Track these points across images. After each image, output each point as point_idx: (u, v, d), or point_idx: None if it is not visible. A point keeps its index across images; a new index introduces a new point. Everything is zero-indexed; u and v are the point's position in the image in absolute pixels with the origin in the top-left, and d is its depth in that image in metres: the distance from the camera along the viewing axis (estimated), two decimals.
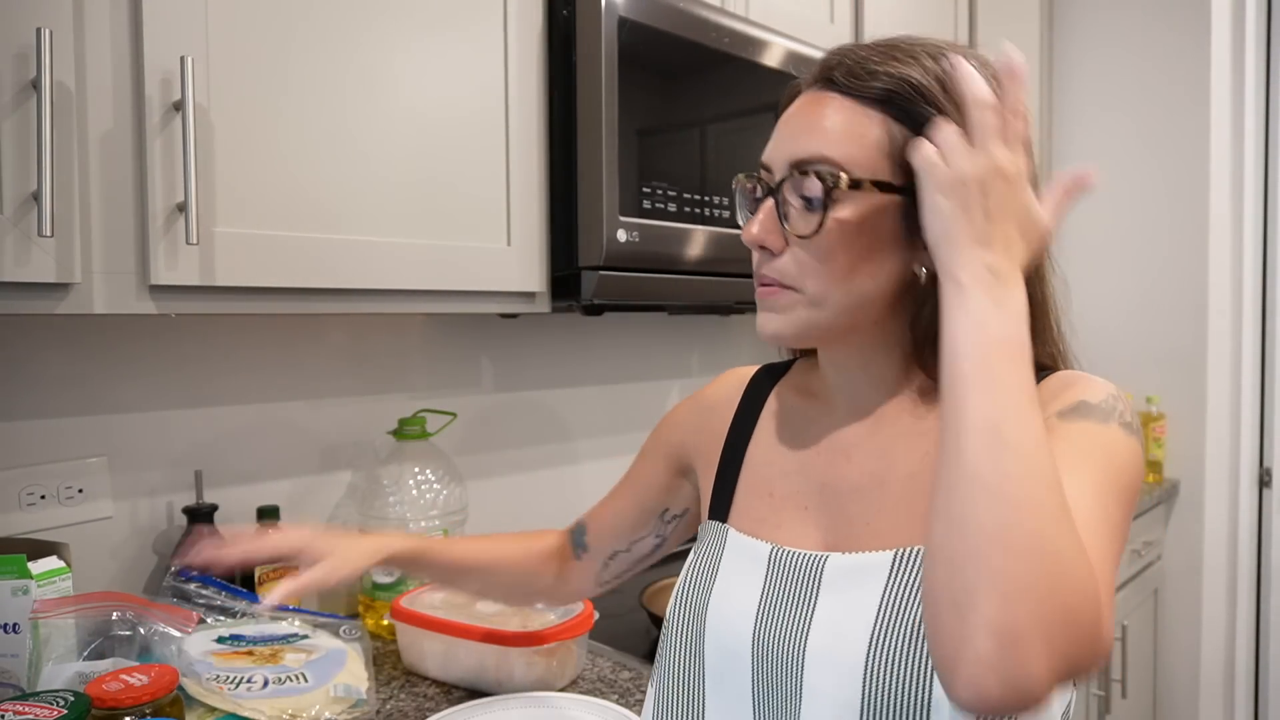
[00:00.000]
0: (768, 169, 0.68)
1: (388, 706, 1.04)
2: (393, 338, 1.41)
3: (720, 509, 0.78)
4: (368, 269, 1.01)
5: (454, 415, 1.39)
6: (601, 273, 1.16)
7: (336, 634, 1.09)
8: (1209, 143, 2.25)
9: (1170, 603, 2.37)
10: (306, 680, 0.96)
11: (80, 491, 1.10)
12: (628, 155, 1.16)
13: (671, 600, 0.76)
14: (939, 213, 0.56)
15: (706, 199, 1.27)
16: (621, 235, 1.15)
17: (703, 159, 1.27)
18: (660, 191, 1.21)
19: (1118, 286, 2.41)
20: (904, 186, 0.63)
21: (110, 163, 0.83)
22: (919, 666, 0.61)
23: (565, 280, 1.20)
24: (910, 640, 0.61)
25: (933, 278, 0.62)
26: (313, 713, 0.91)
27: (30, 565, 0.89)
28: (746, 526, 0.75)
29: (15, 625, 0.87)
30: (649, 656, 1.21)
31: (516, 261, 1.16)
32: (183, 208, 0.84)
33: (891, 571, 0.64)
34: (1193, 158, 2.29)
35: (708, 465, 0.81)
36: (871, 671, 0.62)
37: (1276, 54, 2.25)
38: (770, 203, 0.67)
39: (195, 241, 0.85)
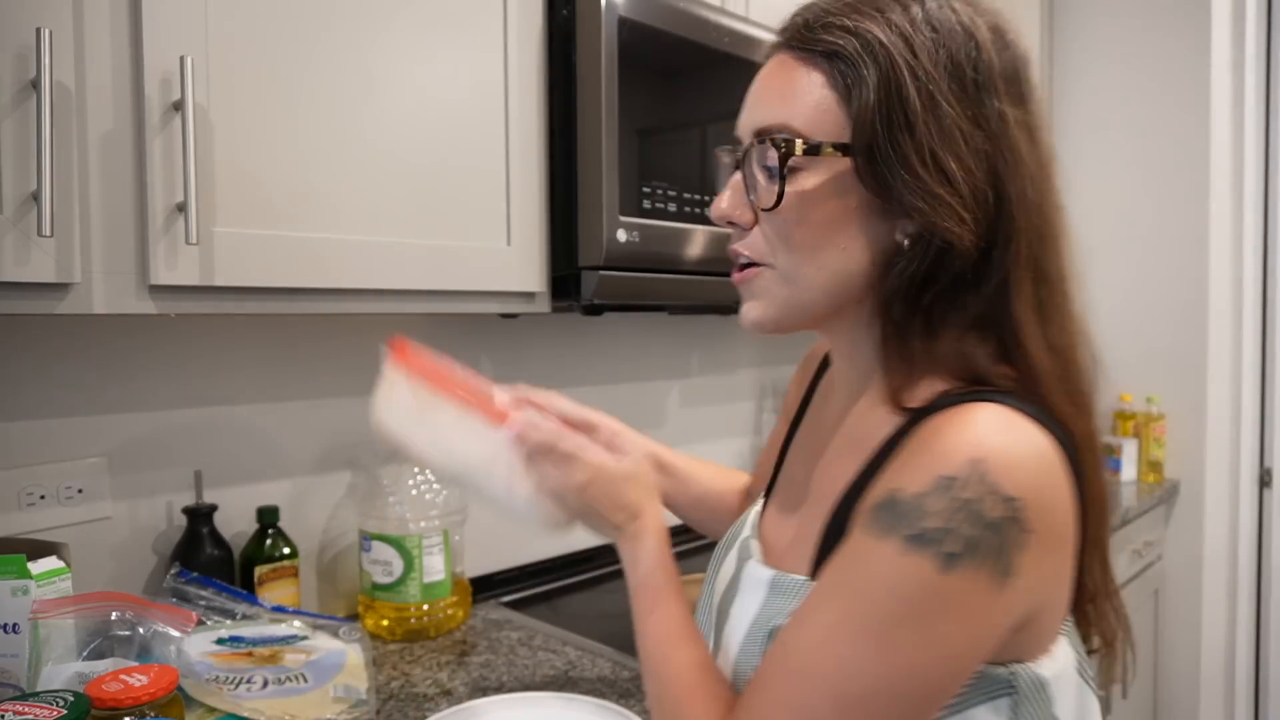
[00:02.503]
0: (738, 141, 0.65)
1: (387, 707, 1.03)
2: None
3: (772, 483, 0.81)
4: (368, 269, 1.01)
5: None
6: (601, 273, 1.16)
7: (336, 635, 1.09)
8: (1209, 142, 2.25)
9: (1170, 603, 2.37)
10: (306, 681, 0.96)
11: (80, 491, 1.10)
12: (628, 155, 1.16)
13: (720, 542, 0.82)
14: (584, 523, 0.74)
15: (706, 199, 1.27)
16: (621, 235, 1.15)
17: (703, 159, 1.27)
18: (660, 191, 1.21)
19: (1118, 286, 2.41)
20: (864, 146, 0.58)
21: (110, 163, 0.83)
22: None
23: (565, 280, 1.20)
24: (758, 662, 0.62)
25: (913, 241, 0.58)
26: (312, 713, 0.91)
27: (30, 565, 0.88)
28: (771, 506, 0.78)
29: (15, 625, 0.87)
30: None
31: (516, 261, 1.16)
32: (182, 208, 0.84)
33: (768, 593, 0.65)
34: (1193, 157, 2.28)
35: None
36: (739, 678, 0.65)
37: (1277, 53, 2.25)
38: (738, 176, 0.64)
39: (195, 241, 0.85)
